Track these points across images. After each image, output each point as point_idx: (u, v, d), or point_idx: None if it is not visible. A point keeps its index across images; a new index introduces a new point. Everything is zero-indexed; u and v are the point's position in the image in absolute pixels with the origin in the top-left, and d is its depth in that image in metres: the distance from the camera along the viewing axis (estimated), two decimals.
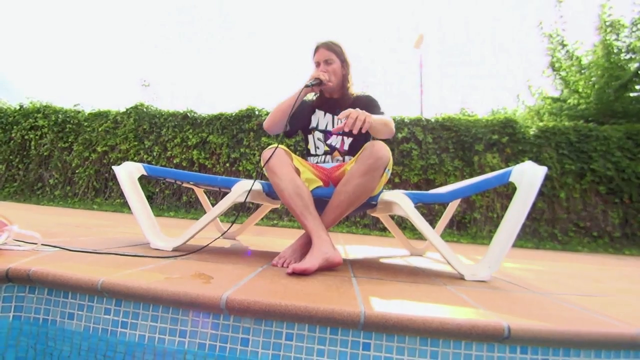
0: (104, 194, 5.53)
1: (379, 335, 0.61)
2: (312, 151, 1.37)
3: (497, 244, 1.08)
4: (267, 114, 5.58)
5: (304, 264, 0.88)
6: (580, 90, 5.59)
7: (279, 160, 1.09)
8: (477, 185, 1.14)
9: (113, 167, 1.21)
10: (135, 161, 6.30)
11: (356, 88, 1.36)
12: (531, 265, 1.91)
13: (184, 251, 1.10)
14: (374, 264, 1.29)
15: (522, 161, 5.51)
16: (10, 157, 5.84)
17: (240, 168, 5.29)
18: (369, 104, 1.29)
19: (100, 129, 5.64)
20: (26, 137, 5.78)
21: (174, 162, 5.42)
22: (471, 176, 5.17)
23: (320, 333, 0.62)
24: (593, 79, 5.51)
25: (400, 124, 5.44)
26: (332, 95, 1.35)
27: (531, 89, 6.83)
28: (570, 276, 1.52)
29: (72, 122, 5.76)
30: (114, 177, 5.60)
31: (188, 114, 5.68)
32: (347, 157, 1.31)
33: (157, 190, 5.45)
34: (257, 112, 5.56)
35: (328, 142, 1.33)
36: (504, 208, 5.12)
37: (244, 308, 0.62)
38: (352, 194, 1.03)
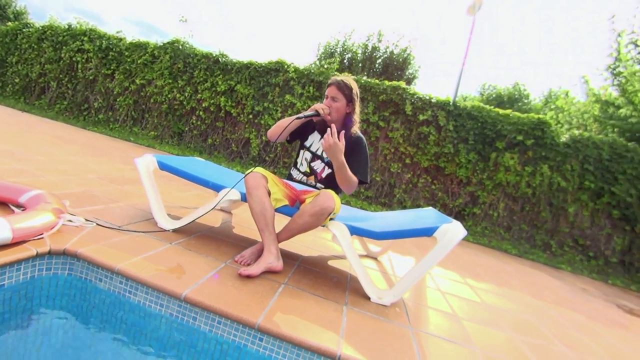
0: (141, 124, 6.12)
1: (269, 335, 1.01)
2: (298, 165, 1.66)
3: (407, 279, 1.40)
4: (295, 70, 5.59)
5: (250, 269, 1.27)
6: (637, 102, 5.03)
7: (255, 183, 1.40)
8: (404, 232, 1.42)
9: (134, 159, 1.58)
10: (169, 98, 6.69)
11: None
12: (479, 293, 1.95)
13: (182, 231, 1.54)
14: (316, 267, 1.66)
15: (541, 168, 5.30)
16: (60, 75, 6.46)
17: (262, 122, 5.56)
18: (354, 145, 1.52)
19: (139, 61, 5.98)
20: (74, 58, 6.28)
21: (203, 105, 5.78)
22: (484, 172, 5.15)
23: (237, 325, 1.03)
24: None
25: (425, 104, 5.31)
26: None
27: (587, 84, 6.15)
28: (489, 317, 1.59)
29: (114, 49, 6.12)
30: (150, 110, 6.12)
31: (220, 58, 5.80)
32: (319, 185, 1.60)
33: (186, 129, 5.94)
34: (285, 67, 5.57)
35: (312, 164, 1.61)
36: (507, 209, 5.18)
37: (194, 302, 1.04)
38: (302, 226, 1.36)
